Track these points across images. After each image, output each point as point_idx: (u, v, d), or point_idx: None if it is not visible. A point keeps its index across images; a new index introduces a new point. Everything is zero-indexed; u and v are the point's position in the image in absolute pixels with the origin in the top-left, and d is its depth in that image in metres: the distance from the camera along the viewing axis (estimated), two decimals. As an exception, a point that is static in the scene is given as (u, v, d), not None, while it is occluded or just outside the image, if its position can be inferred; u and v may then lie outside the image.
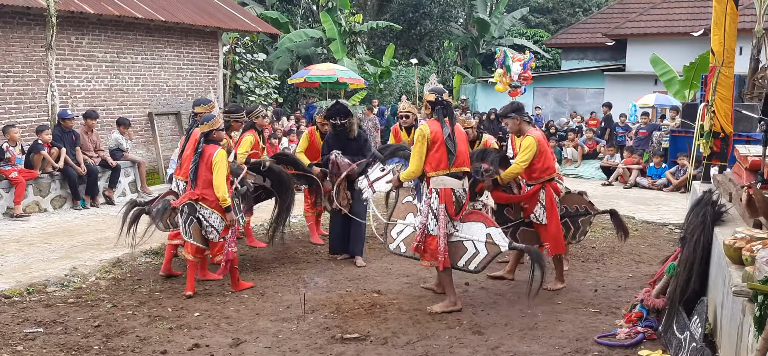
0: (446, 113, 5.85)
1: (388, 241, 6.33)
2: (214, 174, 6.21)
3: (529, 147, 6.34)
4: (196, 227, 6.36)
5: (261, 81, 18.81)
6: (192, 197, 6.32)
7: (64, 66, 11.89)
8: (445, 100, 5.90)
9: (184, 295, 6.32)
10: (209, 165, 6.24)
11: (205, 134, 6.33)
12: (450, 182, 5.80)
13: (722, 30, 6.95)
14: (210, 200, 6.29)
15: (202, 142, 6.32)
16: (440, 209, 5.77)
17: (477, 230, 5.89)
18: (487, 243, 5.84)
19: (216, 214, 6.32)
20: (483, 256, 5.85)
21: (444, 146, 5.76)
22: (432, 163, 5.80)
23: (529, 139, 6.39)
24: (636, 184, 14.05)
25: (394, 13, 29.84)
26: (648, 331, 5.34)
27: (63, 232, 9.03)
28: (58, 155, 10.39)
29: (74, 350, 5.08)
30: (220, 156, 6.26)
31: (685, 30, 21.14)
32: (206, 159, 6.26)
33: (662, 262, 6.30)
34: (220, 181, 6.21)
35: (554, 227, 6.54)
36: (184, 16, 13.79)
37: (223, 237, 6.39)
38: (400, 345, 5.21)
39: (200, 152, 6.29)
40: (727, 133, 7.28)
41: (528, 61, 17.35)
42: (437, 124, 5.82)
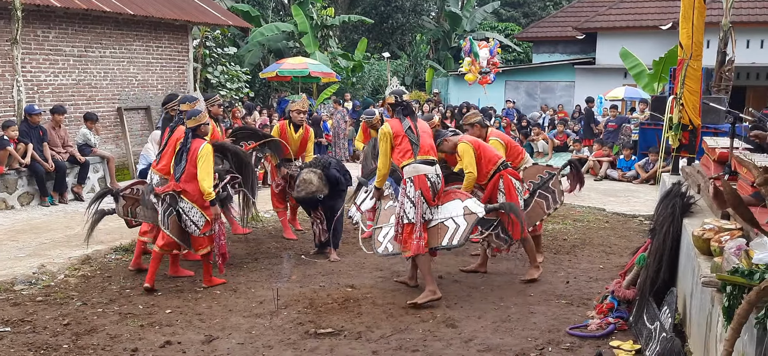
0: (406, 112, 6.13)
1: (375, 246, 6.42)
2: (199, 168, 6.20)
3: (466, 152, 6.45)
4: (175, 220, 6.31)
5: (232, 75, 18.63)
6: (176, 188, 6.30)
7: (30, 61, 11.65)
8: (405, 101, 6.21)
9: (144, 287, 6.28)
10: (194, 159, 6.24)
11: (193, 129, 6.34)
12: (422, 169, 5.95)
13: (690, 24, 7.04)
14: (191, 194, 6.28)
15: (190, 136, 6.33)
16: (417, 196, 5.90)
17: (454, 207, 6.02)
18: (466, 215, 5.94)
19: (196, 208, 6.30)
20: (464, 228, 5.92)
21: (406, 139, 6.01)
22: (398, 155, 6.05)
23: (461, 145, 6.50)
24: (606, 176, 14.22)
25: (365, 6, 29.77)
26: (619, 322, 5.40)
27: (31, 229, 8.87)
28: (25, 150, 10.19)
29: (43, 349, 4.99)
30: (206, 150, 6.27)
31: (654, 23, 21.43)
32: (192, 153, 6.27)
33: (632, 253, 6.39)
34: (204, 174, 6.20)
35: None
36: (153, 10, 13.60)
37: (203, 233, 6.35)
38: (374, 339, 5.21)
39: (188, 147, 6.30)
40: (695, 125, 7.38)
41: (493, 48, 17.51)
42: (397, 121, 6.11)
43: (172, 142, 6.76)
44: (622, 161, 14.29)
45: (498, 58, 17.57)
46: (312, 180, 7.34)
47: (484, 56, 17.94)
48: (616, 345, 5.03)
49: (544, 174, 7.15)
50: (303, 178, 7.40)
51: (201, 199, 6.31)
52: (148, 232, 6.86)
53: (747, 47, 20.22)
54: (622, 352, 4.90)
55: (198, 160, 6.22)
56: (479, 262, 7.14)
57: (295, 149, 8.32)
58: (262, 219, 9.52)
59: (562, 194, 7.18)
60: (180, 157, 6.35)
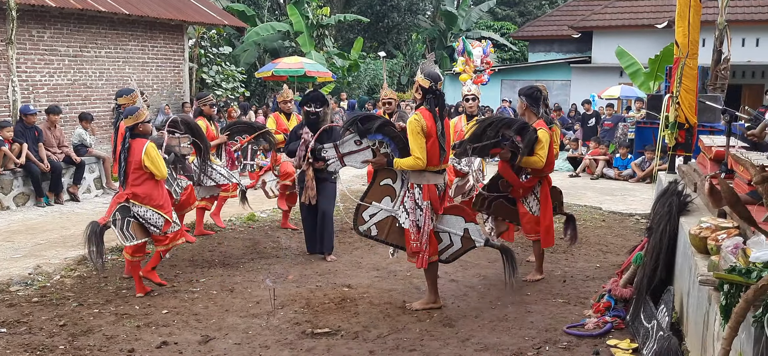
0: (438, 105, 5.53)
1: (358, 222, 5.89)
2: (152, 169, 6.01)
3: (546, 141, 6.32)
4: (136, 225, 6.11)
5: (227, 75, 18.61)
6: (120, 199, 6.08)
7: (25, 61, 11.63)
8: (439, 89, 5.57)
9: (136, 295, 6.18)
10: (138, 161, 5.99)
11: (130, 129, 6.05)
12: (433, 179, 5.64)
13: (686, 22, 7.05)
14: (142, 197, 6.07)
15: (128, 137, 6.04)
16: (426, 206, 5.61)
17: (455, 223, 5.83)
18: (464, 238, 5.81)
19: (151, 209, 6.11)
20: (456, 249, 5.84)
21: (436, 143, 5.50)
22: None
23: (542, 132, 6.34)
24: (603, 175, 14.24)
25: (361, 5, 29.77)
26: (616, 321, 5.40)
27: (26, 230, 8.84)
28: (20, 151, 10.16)
29: (39, 350, 4.97)
30: (152, 149, 6.04)
31: (650, 22, 21.47)
32: (134, 154, 6.01)
33: (629, 252, 6.39)
34: (158, 169, 6.05)
35: (548, 221, 6.60)
36: (148, 9, 13.57)
37: (164, 232, 6.22)
38: (371, 339, 5.20)
39: (127, 147, 6.03)
40: (691, 124, 7.39)
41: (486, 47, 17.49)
42: (430, 116, 5.48)
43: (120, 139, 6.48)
44: (618, 159, 14.31)
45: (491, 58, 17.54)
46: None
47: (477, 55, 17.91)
48: (614, 344, 5.02)
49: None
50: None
51: (152, 199, 6.10)
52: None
53: (742, 46, 20.28)
54: (620, 351, 4.90)
55: (145, 159, 5.97)
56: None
57: None
58: (259, 220, 9.52)
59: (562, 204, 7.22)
60: (120, 159, 6.08)
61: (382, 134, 5.67)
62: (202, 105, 8.41)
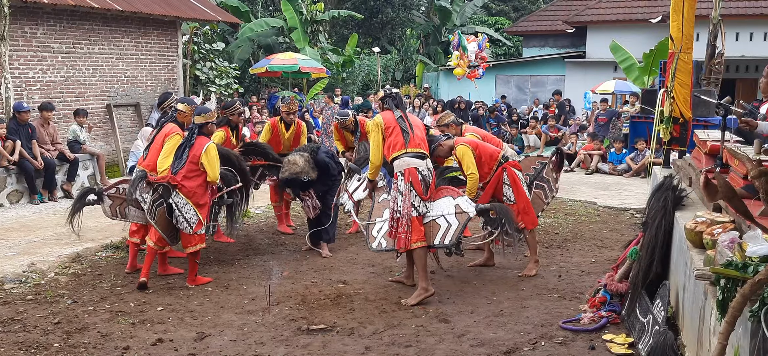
0: (396, 104, 6.16)
1: (369, 241, 6.35)
2: (207, 163, 6.27)
3: (465, 154, 6.36)
4: (163, 213, 6.26)
5: (221, 71, 18.55)
6: (172, 181, 6.26)
7: (18, 57, 11.55)
8: (394, 92, 6.25)
9: (139, 282, 6.24)
10: (197, 156, 6.25)
11: (200, 126, 6.38)
12: (413, 162, 5.91)
13: (681, 16, 7.05)
14: (188, 190, 6.27)
15: (195, 133, 6.36)
16: (406, 188, 5.86)
17: (446, 204, 5.99)
18: (457, 213, 5.92)
19: (190, 205, 6.28)
20: (455, 227, 5.90)
21: (398, 128, 6.01)
22: (390, 147, 6.01)
23: (460, 148, 6.42)
24: (597, 170, 14.26)
25: (355, 1, 29.69)
26: (611, 315, 5.41)
27: (20, 227, 8.80)
28: (13, 148, 10.10)
29: (34, 348, 4.94)
30: (212, 148, 6.35)
31: (644, 17, 21.49)
32: (195, 150, 6.28)
33: (624, 247, 6.40)
34: (212, 168, 6.31)
35: (523, 202, 6.65)
36: (141, 5, 13.50)
37: (195, 232, 6.33)
38: (366, 335, 5.19)
39: (192, 142, 6.31)
40: (686, 118, 7.39)
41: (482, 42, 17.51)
42: (388, 112, 6.15)
43: (159, 138, 6.68)
44: (613, 154, 14.33)
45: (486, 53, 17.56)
46: (297, 161, 7.31)
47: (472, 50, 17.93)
48: (609, 339, 5.03)
49: (537, 165, 7.31)
50: (288, 159, 7.40)
51: (196, 196, 6.30)
52: (137, 232, 6.81)
53: (736, 40, 20.33)
54: (615, 345, 4.91)
55: (204, 156, 6.27)
56: (486, 257, 7.12)
57: (288, 145, 8.33)
58: (254, 216, 9.49)
59: (556, 182, 7.39)
60: (181, 152, 6.34)
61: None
62: (230, 114, 7.83)
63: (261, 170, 7.91)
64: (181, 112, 6.84)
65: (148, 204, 6.32)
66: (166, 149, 6.46)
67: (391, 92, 6.26)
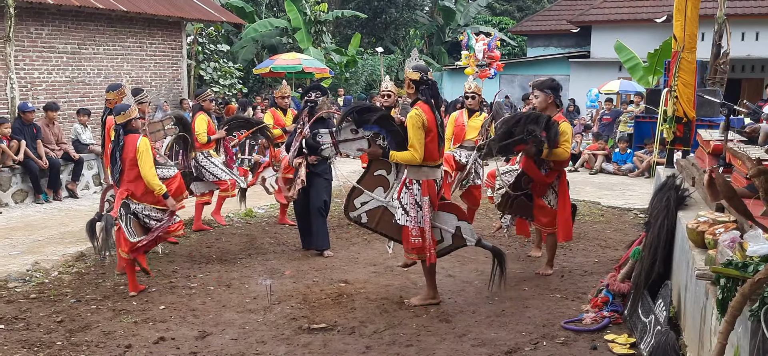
0: (433, 95, 5.55)
1: (349, 208, 5.88)
2: (141, 166, 5.94)
3: (568, 131, 6.30)
4: (136, 223, 6.07)
5: (225, 71, 18.58)
6: (123, 196, 6.02)
7: (23, 58, 11.60)
8: (430, 79, 5.58)
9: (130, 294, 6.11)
10: (133, 157, 5.94)
11: (123, 125, 5.98)
12: (432, 174, 5.61)
13: (684, 16, 7.03)
14: (139, 194, 6.02)
15: (122, 134, 5.98)
16: (424, 202, 5.57)
17: (448, 220, 5.81)
18: (455, 236, 5.80)
19: (149, 206, 6.07)
20: (446, 245, 5.83)
21: (436, 136, 5.48)
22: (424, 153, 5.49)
23: (566, 125, 6.34)
24: (601, 170, 14.23)
25: (359, 1, 29.70)
26: (614, 315, 5.39)
27: (25, 226, 8.83)
28: (18, 148, 10.14)
29: (37, 346, 4.96)
30: (144, 144, 5.97)
31: (649, 16, 21.43)
32: (128, 150, 5.96)
33: (627, 247, 6.38)
34: (147, 171, 5.95)
35: (566, 214, 6.59)
36: (146, 6, 13.54)
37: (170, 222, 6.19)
38: (367, 334, 5.19)
39: (121, 145, 5.98)
40: (689, 118, 7.37)
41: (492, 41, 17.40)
42: (429, 109, 5.47)
43: (107, 135, 6.61)
44: (617, 154, 14.30)
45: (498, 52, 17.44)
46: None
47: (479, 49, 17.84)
48: (611, 339, 5.02)
49: None
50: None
51: (149, 195, 6.05)
52: None
53: (742, 40, 20.25)
54: (617, 345, 4.90)
55: (138, 157, 5.93)
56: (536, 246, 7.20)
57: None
58: (256, 215, 9.51)
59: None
60: (114, 157, 6.01)
61: (379, 126, 5.62)
62: (202, 101, 8.48)
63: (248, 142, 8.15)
64: (109, 100, 6.89)
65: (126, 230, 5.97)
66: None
67: (427, 79, 5.53)
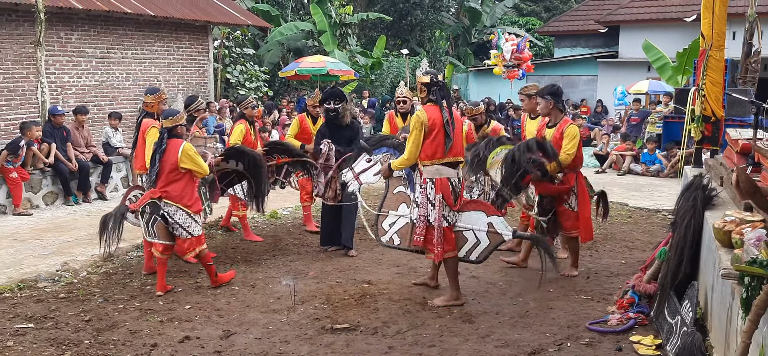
0: (444, 95, 5.61)
1: (379, 233, 6.07)
2: (194, 166, 6.09)
3: (575, 136, 6.27)
4: (161, 226, 6.16)
5: (251, 74, 18.74)
6: (154, 195, 6.11)
7: (53, 62, 11.83)
8: (441, 81, 5.66)
9: (157, 294, 6.19)
10: (174, 161, 6.04)
11: (169, 130, 6.13)
12: (446, 172, 5.62)
13: (712, 13, 6.93)
14: (174, 196, 6.10)
15: (166, 137, 6.11)
16: (437, 200, 5.61)
17: (477, 219, 5.74)
18: (489, 233, 5.72)
19: (182, 211, 6.13)
20: (485, 246, 5.75)
21: (442, 133, 5.53)
22: (428, 151, 5.58)
23: (573, 128, 6.32)
24: (629, 171, 14.06)
25: (384, 3, 29.71)
26: (640, 317, 5.33)
27: (55, 228, 8.99)
28: (49, 150, 10.33)
29: (65, 344, 5.05)
30: (189, 149, 6.12)
31: (678, 16, 21.11)
32: (170, 154, 6.06)
33: (654, 248, 6.30)
34: (198, 166, 6.14)
35: (586, 214, 6.56)
36: (173, 11, 13.72)
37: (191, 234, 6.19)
38: (390, 335, 5.19)
39: (163, 148, 6.08)
40: (718, 117, 7.25)
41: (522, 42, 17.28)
42: (435, 109, 5.57)
43: (140, 137, 6.62)
44: (645, 155, 14.12)
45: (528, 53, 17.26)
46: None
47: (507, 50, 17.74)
48: (637, 340, 4.96)
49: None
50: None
51: (184, 198, 6.13)
52: None
53: (774, 38, 19.83)
54: (643, 347, 4.84)
55: (183, 159, 6.04)
56: (520, 257, 7.04)
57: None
58: (281, 217, 9.56)
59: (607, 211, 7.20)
60: (154, 159, 6.12)
61: (386, 146, 6.11)
62: (244, 108, 8.11)
63: (286, 167, 7.97)
64: (147, 103, 6.89)
65: (143, 227, 6.19)
66: (148, 144, 6.40)
67: (437, 81, 5.62)
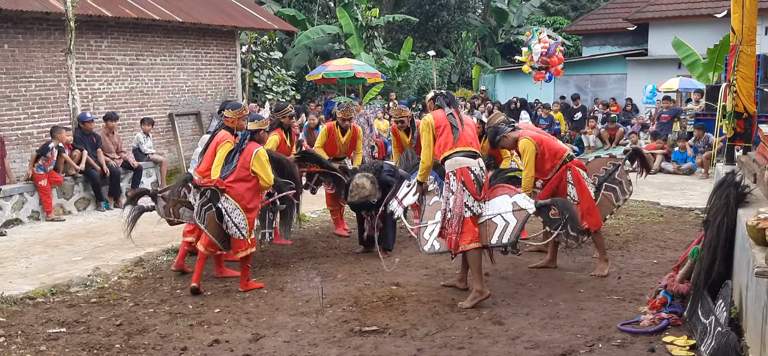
0: (447, 101, 6.02)
1: (421, 243, 6.23)
2: (259, 170, 6.26)
3: (527, 149, 6.37)
4: (213, 217, 6.30)
5: (278, 78, 18.85)
6: (219, 186, 6.28)
7: (84, 70, 12.00)
8: (444, 92, 6.14)
9: (190, 287, 6.30)
10: (247, 162, 6.25)
11: (252, 132, 6.40)
12: (464, 161, 5.76)
13: (742, 7, 6.79)
14: (235, 194, 6.26)
15: (247, 138, 6.38)
16: (458, 188, 5.72)
17: (502, 202, 5.87)
18: (515, 211, 5.80)
19: (239, 209, 6.26)
20: (514, 225, 5.78)
21: (448, 125, 5.85)
22: (440, 146, 5.86)
23: (523, 142, 6.42)
24: (660, 170, 13.84)
25: (410, 5, 29.67)
26: (672, 317, 5.24)
27: (86, 233, 9.12)
28: (80, 157, 10.49)
29: (96, 349, 5.11)
30: (263, 153, 6.35)
31: (708, 11, 20.76)
32: (245, 155, 6.28)
33: (687, 247, 6.19)
34: (265, 173, 6.31)
35: (587, 202, 6.52)
36: (201, 16, 13.85)
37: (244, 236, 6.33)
38: (418, 337, 5.17)
39: (243, 148, 6.33)
40: (750, 113, 7.11)
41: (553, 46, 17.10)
42: (439, 111, 5.98)
43: (212, 146, 6.77)
44: (676, 153, 13.89)
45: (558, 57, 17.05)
46: (365, 185, 7.26)
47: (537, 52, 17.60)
48: (670, 341, 4.88)
49: (608, 166, 7.16)
50: (356, 183, 7.32)
51: (244, 200, 6.29)
52: (192, 232, 6.95)
53: (808, 33, 19.42)
54: (676, 348, 4.76)
55: (255, 162, 6.25)
56: (547, 259, 7.00)
57: (344, 150, 8.43)
58: (310, 220, 9.59)
59: (629, 184, 7.22)
60: (232, 157, 6.36)
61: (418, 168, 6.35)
62: (282, 117, 8.00)
63: (317, 176, 7.97)
64: (228, 118, 6.93)
65: (196, 207, 6.38)
66: (219, 156, 6.51)
67: (441, 92, 6.15)
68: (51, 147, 9.91)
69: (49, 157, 9.88)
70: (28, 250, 8.18)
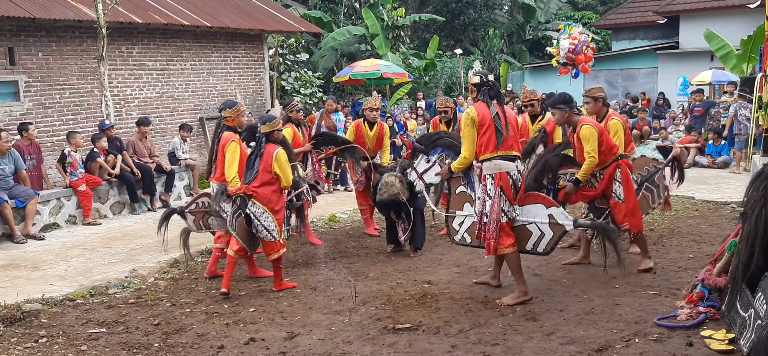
0: (493, 94, 5.74)
1: (452, 234, 6.23)
2: (280, 173, 6.29)
3: (591, 136, 6.18)
4: (242, 223, 6.36)
5: (305, 80, 18.97)
6: (247, 192, 6.34)
7: (116, 76, 12.20)
8: (491, 81, 5.78)
9: (220, 292, 6.33)
10: (268, 165, 6.29)
11: (266, 134, 6.40)
12: (504, 166, 5.65)
13: (778, -4, 6.67)
14: (262, 197, 6.31)
15: (263, 141, 6.40)
16: (496, 194, 5.64)
17: (537, 211, 5.75)
18: (551, 224, 5.71)
19: (267, 212, 6.32)
20: (549, 237, 5.73)
21: (492, 127, 5.62)
22: (480, 146, 5.68)
23: (587, 128, 6.23)
24: (695, 163, 13.64)
25: (436, 4, 29.64)
26: (710, 311, 5.17)
27: (123, 236, 9.27)
28: (114, 162, 10.67)
29: (135, 348, 5.20)
30: (282, 155, 6.35)
31: (740, 2, 20.40)
32: (266, 158, 6.32)
33: (723, 240, 6.10)
34: (286, 175, 6.35)
35: (631, 203, 6.43)
36: (228, 21, 13.99)
37: (275, 237, 6.39)
38: (452, 334, 5.16)
39: (262, 151, 6.35)
40: (787, 103, 6.99)
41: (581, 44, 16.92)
42: (483, 105, 5.70)
43: (220, 150, 6.83)
44: (711, 146, 13.67)
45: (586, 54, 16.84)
46: (394, 183, 7.27)
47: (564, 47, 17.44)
48: (708, 335, 4.81)
49: (651, 167, 7.12)
50: (385, 181, 7.34)
51: (272, 203, 6.32)
52: (222, 237, 7.03)
53: None
54: (715, 342, 4.69)
55: (275, 164, 6.27)
56: (581, 255, 6.94)
57: (371, 146, 8.47)
58: (340, 220, 9.63)
59: (666, 189, 7.21)
60: (253, 162, 6.39)
61: (440, 146, 6.36)
62: (290, 111, 8.46)
63: (335, 158, 8.13)
64: (227, 117, 6.99)
65: (229, 215, 6.46)
66: (228, 157, 6.59)
67: (487, 81, 5.77)
68: (67, 153, 10.07)
69: (71, 162, 10.04)
70: (66, 253, 8.34)
